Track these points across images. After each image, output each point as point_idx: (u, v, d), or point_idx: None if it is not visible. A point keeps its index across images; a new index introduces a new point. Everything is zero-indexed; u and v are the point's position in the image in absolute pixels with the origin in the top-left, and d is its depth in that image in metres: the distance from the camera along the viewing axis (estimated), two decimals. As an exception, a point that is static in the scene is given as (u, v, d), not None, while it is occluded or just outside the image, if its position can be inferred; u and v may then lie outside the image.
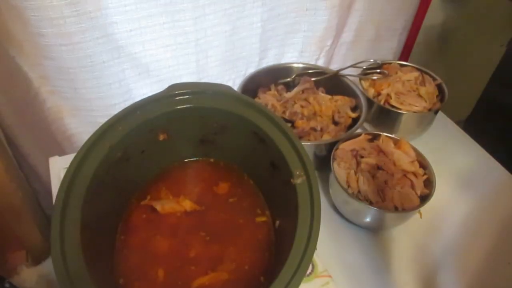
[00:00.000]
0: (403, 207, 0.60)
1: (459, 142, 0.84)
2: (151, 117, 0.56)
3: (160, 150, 0.60)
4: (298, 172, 0.50)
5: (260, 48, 0.85)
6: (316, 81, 0.81)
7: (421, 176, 0.64)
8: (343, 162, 0.66)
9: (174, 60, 0.77)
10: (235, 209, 0.59)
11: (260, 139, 0.56)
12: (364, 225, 0.65)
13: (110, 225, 0.55)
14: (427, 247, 0.65)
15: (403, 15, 0.97)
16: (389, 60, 0.88)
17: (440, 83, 0.81)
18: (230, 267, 0.53)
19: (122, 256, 0.53)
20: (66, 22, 0.62)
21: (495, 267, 0.62)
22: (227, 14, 0.75)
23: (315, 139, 0.72)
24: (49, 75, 0.71)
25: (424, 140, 0.79)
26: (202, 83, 0.60)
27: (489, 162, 0.79)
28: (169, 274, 0.52)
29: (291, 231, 0.46)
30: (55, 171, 0.71)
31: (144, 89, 0.79)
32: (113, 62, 0.71)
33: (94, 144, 0.51)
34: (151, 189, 0.61)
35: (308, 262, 0.42)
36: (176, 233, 0.56)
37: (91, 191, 0.48)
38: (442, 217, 0.68)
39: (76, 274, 0.41)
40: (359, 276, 0.60)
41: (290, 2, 0.81)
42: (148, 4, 0.67)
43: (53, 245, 0.42)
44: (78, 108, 0.77)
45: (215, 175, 0.63)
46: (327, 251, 0.60)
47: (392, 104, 0.77)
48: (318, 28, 0.87)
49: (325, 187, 0.70)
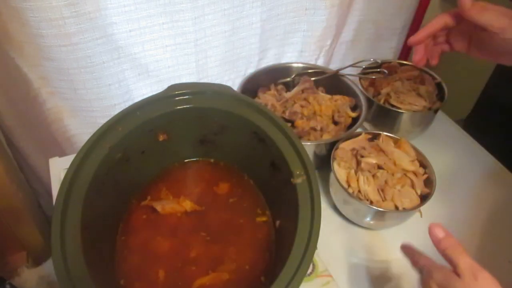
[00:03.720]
0: (404, 207, 0.60)
1: (459, 141, 0.84)
2: (151, 118, 0.56)
3: (160, 150, 0.60)
4: (298, 172, 0.50)
5: (259, 48, 0.85)
6: (316, 81, 0.81)
7: (421, 176, 0.64)
8: (343, 161, 0.66)
9: (174, 61, 0.77)
10: (235, 209, 0.59)
11: (260, 139, 0.56)
12: (364, 224, 0.65)
13: (110, 225, 0.55)
14: (427, 247, 0.64)
15: (403, 15, 0.97)
16: (388, 59, 0.88)
17: (440, 82, 0.81)
18: (231, 267, 0.53)
19: (122, 257, 0.53)
20: (66, 23, 0.62)
21: (495, 266, 0.62)
22: (227, 14, 0.75)
23: (315, 139, 0.72)
24: (49, 76, 0.71)
25: (424, 139, 0.79)
26: (202, 83, 0.60)
27: (489, 161, 0.79)
28: (169, 274, 0.52)
29: (291, 231, 0.46)
30: (55, 172, 0.71)
31: (143, 90, 0.79)
32: (113, 63, 0.71)
33: (94, 145, 0.51)
34: (151, 190, 0.61)
35: (308, 262, 0.42)
36: (176, 234, 0.56)
37: (91, 192, 0.48)
38: (442, 216, 0.68)
39: (76, 275, 0.41)
40: (360, 276, 0.60)
41: (290, 1, 0.81)
42: (147, 4, 0.67)
43: (54, 246, 0.42)
44: (78, 109, 0.77)
45: (215, 175, 0.63)
46: (327, 251, 0.60)
47: (392, 103, 0.77)
48: (317, 28, 0.87)
49: (325, 186, 0.70)
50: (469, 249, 0.64)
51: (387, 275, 0.60)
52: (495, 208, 0.70)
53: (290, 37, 0.88)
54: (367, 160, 0.65)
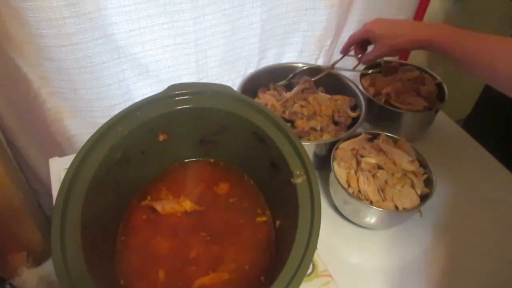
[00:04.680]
0: (404, 207, 0.60)
1: (459, 141, 0.84)
2: (151, 118, 0.56)
3: (160, 150, 0.60)
4: (298, 172, 0.50)
5: (259, 48, 0.85)
6: (316, 81, 0.81)
7: (421, 176, 0.64)
8: (343, 161, 0.66)
9: (174, 61, 0.77)
10: (235, 209, 0.59)
11: (260, 139, 0.56)
12: (364, 224, 0.65)
13: (110, 225, 0.55)
14: (427, 246, 0.65)
15: (403, 14, 0.97)
16: (389, 59, 0.88)
17: (440, 82, 0.81)
18: (231, 267, 0.53)
19: (122, 257, 0.53)
20: (66, 23, 0.62)
21: (495, 266, 0.62)
22: (226, 14, 0.75)
23: (315, 139, 0.72)
24: (49, 76, 0.71)
25: (424, 139, 0.79)
26: (202, 84, 0.60)
27: (489, 161, 0.79)
28: (169, 274, 0.52)
29: (291, 231, 0.46)
30: (55, 172, 0.71)
31: (143, 90, 0.79)
32: (113, 63, 0.71)
33: (94, 145, 0.51)
34: (151, 190, 0.61)
35: (308, 262, 0.42)
36: (176, 234, 0.56)
37: (91, 192, 0.48)
38: (442, 216, 0.68)
39: (76, 275, 0.41)
40: (360, 276, 0.60)
41: (290, 1, 0.81)
42: (147, 4, 0.67)
43: (54, 246, 0.42)
44: (78, 109, 0.77)
45: (215, 175, 0.63)
46: (327, 251, 0.60)
47: (392, 103, 0.77)
48: (317, 28, 0.87)
49: (325, 186, 0.70)
50: (469, 249, 0.64)
51: (387, 275, 0.60)
52: (495, 208, 0.70)
53: (290, 37, 0.88)
54: (367, 160, 0.65)
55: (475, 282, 0.60)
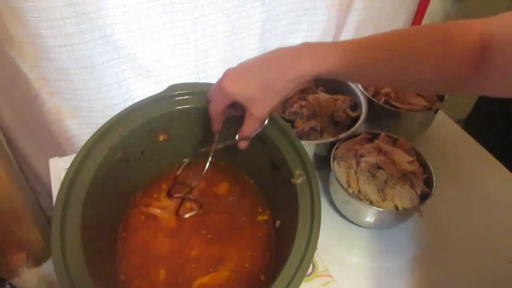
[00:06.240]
0: (404, 207, 0.60)
1: (459, 141, 0.84)
2: (151, 118, 0.56)
3: (160, 150, 0.60)
4: (298, 172, 0.51)
5: (259, 48, 0.85)
6: (316, 81, 0.81)
7: (421, 175, 0.64)
8: (343, 161, 0.66)
9: (174, 61, 0.77)
10: (235, 209, 0.59)
11: (260, 139, 0.56)
12: (364, 224, 0.65)
13: (110, 225, 0.55)
14: (427, 246, 0.65)
15: (403, 14, 0.97)
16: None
17: (440, 82, 0.80)
18: (231, 266, 0.53)
19: (123, 257, 0.53)
20: (66, 23, 0.62)
21: (495, 266, 0.62)
22: (226, 14, 0.75)
23: (315, 139, 0.72)
24: (49, 76, 0.71)
25: (424, 139, 0.79)
26: (202, 84, 0.59)
27: (489, 161, 0.79)
28: (170, 273, 0.52)
29: (291, 230, 0.46)
30: (55, 172, 0.71)
31: (143, 90, 0.79)
32: (113, 63, 0.71)
33: (94, 145, 0.51)
34: (151, 190, 0.61)
35: (308, 262, 0.42)
36: (176, 233, 0.56)
37: (91, 192, 0.48)
38: (442, 216, 0.68)
39: (76, 275, 0.41)
40: (360, 276, 0.60)
41: (289, 1, 0.81)
42: (147, 4, 0.67)
43: (54, 246, 0.43)
44: (78, 109, 0.77)
45: (215, 175, 0.63)
46: (327, 251, 0.60)
47: (391, 103, 0.77)
48: (317, 28, 0.87)
49: (325, 186, 0.70)
50: (469, 249, 0.64)
51: (387, 275, 0.60)
52: (495, 208, 0.70)
53: (290, 37, 0.88)
54: (367, 160, 0.65)
55: (475, 282, 0.60)
